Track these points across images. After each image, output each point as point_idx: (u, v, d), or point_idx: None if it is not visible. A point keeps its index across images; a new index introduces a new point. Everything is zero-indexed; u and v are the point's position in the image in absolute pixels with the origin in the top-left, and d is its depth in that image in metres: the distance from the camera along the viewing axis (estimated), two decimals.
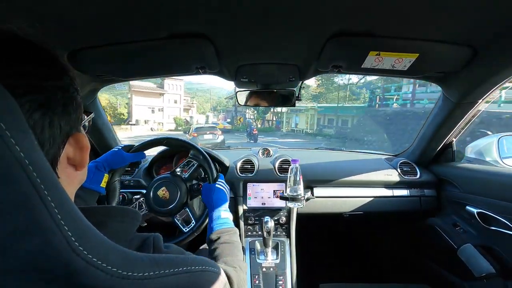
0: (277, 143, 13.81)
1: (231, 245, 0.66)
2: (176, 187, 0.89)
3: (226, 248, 0.64)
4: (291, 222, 1.17)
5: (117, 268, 0.23)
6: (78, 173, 0.31)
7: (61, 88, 0.27)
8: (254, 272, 1.06)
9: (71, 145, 0.29)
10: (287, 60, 0.85)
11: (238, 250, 0.66)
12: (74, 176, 0.31)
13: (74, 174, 0.31)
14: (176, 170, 0.93)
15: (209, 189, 0.83)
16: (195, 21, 0.60)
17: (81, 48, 0.70)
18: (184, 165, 0.94)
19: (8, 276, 0.19)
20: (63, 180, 0.29)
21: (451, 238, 1.08)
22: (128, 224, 0.31)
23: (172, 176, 0.91)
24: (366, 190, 1.22)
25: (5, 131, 0.18)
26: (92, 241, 0.22)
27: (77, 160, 0.30)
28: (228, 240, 0.67)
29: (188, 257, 0.32)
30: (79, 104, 0.30)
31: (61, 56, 0.28)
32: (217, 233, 0.68)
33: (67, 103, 0.28)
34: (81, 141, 0.30)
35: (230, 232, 0.70)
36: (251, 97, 1.12)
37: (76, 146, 0.30)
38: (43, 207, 0.19)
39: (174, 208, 0.88)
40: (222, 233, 0.68)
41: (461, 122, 1.06)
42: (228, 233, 0.69)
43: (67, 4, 0.50)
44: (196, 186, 0.93)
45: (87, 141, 0.31)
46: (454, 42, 0.67)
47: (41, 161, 0.20)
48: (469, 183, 1.07)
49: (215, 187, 0.83)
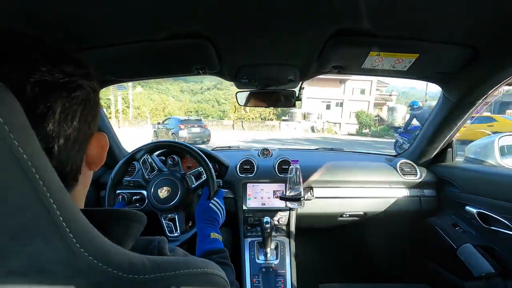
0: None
1: (224, 266, 0.62)
2: (177, 184, 0.89)
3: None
4: (291, 222, 1.18)
5: (119, 271, 0.23)
6: (91, 172, 0.33)
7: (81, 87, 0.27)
8: (254, 273, 1.06)
9: (93, 144, 0.30)
10: (287, 60, 0.85)
11: (230, 270, 0.64)
12: (88, 175, 0.32)
13: (88, 173, 0.32)
14: (187, 174, 0.92)
15: (203, 205, 0.82)
16: (196, 22, 0.60)
17: (81, 49, 0.70)
18: (195, 174, 0.93)
19: (10, 277, 0.19)
20: (81, 179, 0.30)
21: (450, 238, 1.08)
22: (132, 228, 0.31)
23: (173, 174, 0.91)
24: (366, 190, 1.22)
25: (9, 133, 0.18)
26: (94, 243, 0.22)
27: (96, 158, 0.31)
28: (220, 261, 0.64)
29: (189, 259, 0.32)
30: (97, 102, 0.31)
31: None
32: (207, 253, 0.66)
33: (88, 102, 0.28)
34: (102, 140, 0.32)
35: (220, 252, 0.67)
36: (251, 97, 1.12)
37: (97, 145, 0.31)
38: (45, 209, 0.19)
39: (175, 204, 0.87)
40: (213, 253, 0.66)
41: (461, 122, 1.06)
42: (219, 254, 0.66)
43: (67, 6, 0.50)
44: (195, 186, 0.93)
45: (106, 140, 0.32)
46: (454, 42, 0.67)
47: (44, 163, 0.20)
48: (469, 183, 1.07)
49: (209, 206, 0.82)
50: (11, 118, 0.18)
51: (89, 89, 0.28)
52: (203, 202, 0.84)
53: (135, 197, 1.03)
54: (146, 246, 0.32)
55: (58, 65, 0.25)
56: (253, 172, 1.21)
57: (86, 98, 0.27)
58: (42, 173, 0.19)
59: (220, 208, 0.84)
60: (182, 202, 0.88)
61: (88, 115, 0.28)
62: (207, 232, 0.72)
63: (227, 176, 1.19)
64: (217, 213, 0.81)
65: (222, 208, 0.85)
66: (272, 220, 1.02)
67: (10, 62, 0.21)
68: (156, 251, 0.32)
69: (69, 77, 0.25)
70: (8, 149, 0.17)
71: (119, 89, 16.53)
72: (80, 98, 0.26)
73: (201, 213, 0.80)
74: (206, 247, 0.68)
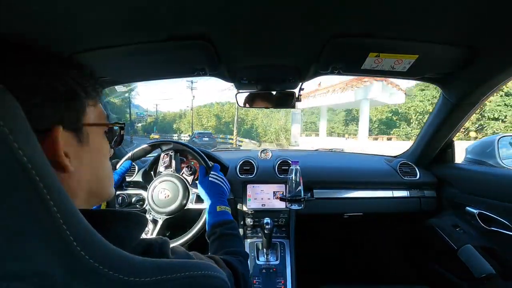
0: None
1: (231, 237, 0.64)
2: (177, 187, 0.89)
3: (226, 240, 0.63)
4: (291, 223, 1.17)
5: (119, 273, 0.22)
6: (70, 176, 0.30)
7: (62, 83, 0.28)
8: (254, 274, 1.05)
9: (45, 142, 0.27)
10: (287, 61, 0.85)
11: (238, 241, 0.64)
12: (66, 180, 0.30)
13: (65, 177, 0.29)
14: (182, 173, 0.93)
15: (203, 182, 0.81)
16: (196, 23, 0.60)
17: (80, 51, 0.70)
18: (188, 171, 0.93)
19: (9, 280, 0.18)
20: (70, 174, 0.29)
21: (451, 239, 1.08)
22: (132, 229, 0.31)
23: (173, 176, 0.91)
24: (366, 191, 1.22)
25: (8, 135, 0.18)
26: (93, 245, 0.22)
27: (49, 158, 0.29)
28: (227, 232, 0.65)
29: (189, 261, 0.32)
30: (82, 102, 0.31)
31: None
32: (214, 226, 0.67)
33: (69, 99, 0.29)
34: (52, 136, 0.28)
35: (227, 223, 0.68)
36: (251, 98, 1.12)
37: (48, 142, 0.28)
38: (45, 211, 0.19)
39: (175, 208, 0.88)
40: (220, 226, 0.66)
41: (461, 123, 1.06)
42: (226, 225, 0.67)
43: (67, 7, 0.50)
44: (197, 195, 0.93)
45: (58, 136, 0.29)
46: (454, 43, 0.67)
47: (43, 164, 0.20)
48: (469, 184, 1.07)
49: (208, 180, 0.81)
50: (11, 120, 0.18)
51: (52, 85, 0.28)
52: (202, 180, 0.83)
53: (135, 198, 1.03)
54: (147, 248, 0.32)
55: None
56: (253, 173, 1.21)
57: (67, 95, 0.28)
58: (42, 175, 0.19)
59: (221, 179, 0.83)
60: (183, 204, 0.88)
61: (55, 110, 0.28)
62: (214, 206, 0.73)
63: (227, 177, 1.19)
64: (219, 184, 0.81)
65: (223, 179, 0.84)
66: (272, 221, 1.02)
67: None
68: (158, 253, 0.32)
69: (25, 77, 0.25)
70: (8, 151, 0.17)
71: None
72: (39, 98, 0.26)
73: (204, 190, 0.79)
74: (212, 220, 0.69)
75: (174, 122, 33.67)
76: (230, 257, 0.52)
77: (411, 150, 1.32)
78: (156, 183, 0.90)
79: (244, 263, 0.54)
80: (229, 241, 0.63)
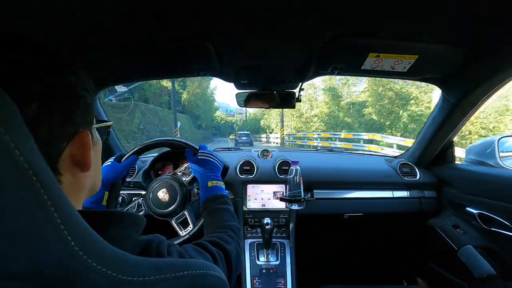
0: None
1: (222, 211, 0.64)
2: (176, 189, 0.89)
3: (218, 215, 0.63)
4: (291, 223, 1.17)
5: (117, 273, 0.22)
6: (85, 175, 0.32)
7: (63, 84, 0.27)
8: (254, 274, 1.05)
9: (75, 143, 0.29)
10: (287, 61, 0.85)
11: (230, 214, 0.64)
12: (81, 178, 0.31)
13: (81, 176, 0.31)
14: (177, 172, 0.93)
15: (193, 162, 0.81)
16: (196, 23, 0.60)
17: (81, 51, 0.70)
18: (185, 168, 0.93)
19: (7, 281, 0.18)
20: (69, 180, 0.29)
21: (451, 239, 1.08)
22: (130, 230, 0.31)
23: (172, 178, 0.91)
24: (366, 192, 1.22)
25: (4, 135, 0.17)
26: (92, 246, 0.22)
27: (79, 158, 0.30)
28: (218, 207, 0.65)
29: (189, 261, 0.32)
30: (87, 104, 0.31)
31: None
32: (207, 201, 0.67)
33: (70, 100, 0.28)
34: (83, 139, 0.30)
35: (219, 198, 0.67)
36: (251, 98, 1.12)
37: (79, 143, 0.30)
38: (43, 212, 0.19)
39: (174, 210, 0.88)
40: (212, 201, 0.66)
41: (460, 123, 1.06)
42: (218, 199, 0.67)
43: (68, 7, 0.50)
44: (196, 190, 0.93)
45: (89, 139, 0.31)
46: (453, 43, 0.67)
47: (41, 165, 0.20)
48: (469, 184, 1.07)
49: (198, 158, 0.80)
50: (7, 119, 0.18)
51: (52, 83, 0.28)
52: (192, 160, 0.82)
53: (135, 198, 1.03)
54: (145, 248, 0.32)
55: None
56: (253, 173, 1.21)
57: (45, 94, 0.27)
58: (39, 175, 0.19)
59: (209, 154, 0.81)
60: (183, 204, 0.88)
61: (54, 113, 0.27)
62: (205, 182, 0.73)
63: (227, 177, 1.18)
64: (208, 160, 0.79)
65: (212, 154, 0.82)
66: (273, 221, 1.02)
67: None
68: (155, 253, 0.32)
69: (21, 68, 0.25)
70: (4, 150, 0.17)
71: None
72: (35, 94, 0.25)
73: (195, 168, 0.79)
74: (204, 196, 0.69)
75: (262, 118, 29.44)
76: (220, 234, 0.53)
77: (411, 150, 1.32)
78: (154, 184, 0.91)
79: (234, 237, 0.55)
80: (221, 215, 0.63)
